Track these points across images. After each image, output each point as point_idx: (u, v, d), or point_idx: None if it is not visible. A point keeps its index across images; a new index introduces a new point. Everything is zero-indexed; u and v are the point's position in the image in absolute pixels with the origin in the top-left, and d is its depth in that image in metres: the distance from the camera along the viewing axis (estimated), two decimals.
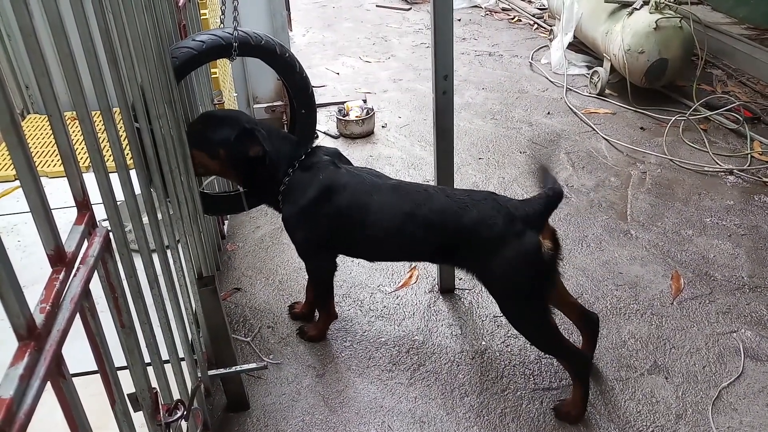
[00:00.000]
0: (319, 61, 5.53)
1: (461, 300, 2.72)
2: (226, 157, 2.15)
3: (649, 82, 4.30)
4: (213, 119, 2.21)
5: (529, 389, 2.28)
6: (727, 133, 3.98)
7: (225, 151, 2.14)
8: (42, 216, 0.91)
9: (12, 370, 0.78)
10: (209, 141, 2.14)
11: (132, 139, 1.44)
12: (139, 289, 1.34)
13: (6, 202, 2.93)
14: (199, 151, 2.12)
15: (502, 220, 1.96)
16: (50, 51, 1.07)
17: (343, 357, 2.44)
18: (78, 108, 1.11)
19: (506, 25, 6.35)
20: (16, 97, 3.57)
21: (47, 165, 3.15)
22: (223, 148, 2.14)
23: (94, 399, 1.15)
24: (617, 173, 3.62)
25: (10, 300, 0.78)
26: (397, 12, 6.92)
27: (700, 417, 2.14)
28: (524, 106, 4.54)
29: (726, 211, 3.25)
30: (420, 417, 2.19)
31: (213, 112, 2.32)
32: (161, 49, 1.75)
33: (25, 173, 0.87)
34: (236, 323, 2.61)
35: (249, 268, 2.96)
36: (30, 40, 0.94)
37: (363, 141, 4.12)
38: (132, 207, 1.38)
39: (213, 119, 2.21)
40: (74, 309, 0.95)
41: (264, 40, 2.24)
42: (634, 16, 4.24)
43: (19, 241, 2.62)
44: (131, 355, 1.26)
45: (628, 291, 2.72)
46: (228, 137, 2.13)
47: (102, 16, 1.26)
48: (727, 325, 2.52)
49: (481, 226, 1.99)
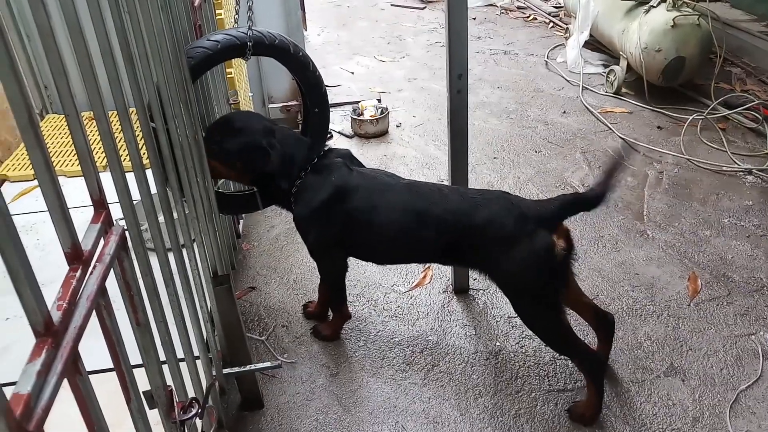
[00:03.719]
0: (334, 61, 5.54)
1: (475, 300, 2.71)
2: (243, 168, 2.20)
3: (666, 81, 4.26)
4: (230, 129, 2.21)
5: (544, 390, 2.26)
6: (746, 132, 3.93)
7: (242, 163, 2.18)
8: (59, 215, 0.92)
9: (30, 366, 0.79)
10: (227, 153, 2.16)
11: (148, 139, 1.45)
12: (155, 288, 1.35)
13: (25, 201, 2.97)
14: (218, 163, 2.16)
15: (514, 219, 1.96)
16: (68, 51, 1.08)
17: (357, 357, 2.44)
18: (95, 108, 1.12)
19: (522, 24, 6.32)
20: (35, 97, 3.62)
21: (65, 164, 3.18)
22: (241, 161, 2.17)
23: (109, 396, 1.16)
24: (634, 173, 3.59)
25: (28, 297, 0.79)
26: (412, 11, 6.91)
27: (717, 420, 2.12)
28: (540, 105, 4.51)
29: (744, 211, 3.21)
30: (434, 417, 2.18)
31: (230, 119, 2.30)
32: (177, 49, 1.77)
33: (43, 173, 0.88)
34: (251, 322, 2.63)
35: (263, 267, 2.97)
36: (48, 41, 0.95)
37: (377, 140, 4.12)
38: (148, 206, 1.39)
39: (230, 129, 2.21)
40: (90, 306, 0.96)
41: (278, 40, 2.25)
42: (651, 13, 4.19)
43: (37, 240, 2.65)
44: (146, 352, 1.26)
45: (645, 292, 2.70)
46: (244, 150, 2.15)
47: (118, 16, 1.27)
48: (745, 327, 2.49)
49: (492, 226, 1.98)
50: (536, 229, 1.93)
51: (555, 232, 1.95)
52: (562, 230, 1.97)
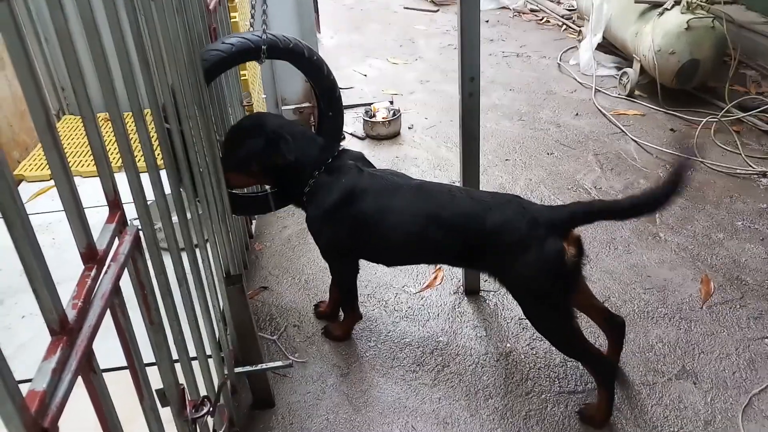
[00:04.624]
0: (347, 63, 5.55)
1: (486, 302, 2.71)
2: (260, 169, 2.22)
3: (679, 83, 4.23)
4: (239, 134, 2.23)
5: (554, 392, 2.26)
6: (761, 135, 3.90)
7: (257, 163, 2.20)
8: (75, 215, 0.94)
9: (45, 363, 0.80)
10: (243, 159, 2.19)
11: (162, 140, 1.47)
12: (168, 287, 1.36)
13: (41, 201, 3.01)
14: (237, 173, 2.20)
15: (526, 224, 1.94)
16: (84, 54, 1.09)
17: (368, 357, 2.45)
18: (110, 109, 1.14)
19: (534, 26, 6.30)
20: (52, 99, 3.66)
21: (81, 165, 3.22)
22: (255, 161, 2.19)
23: (123, 394, 1.17)
24: (646, 175, 3.57)
25: (44, 296, 0.80)
26: (424, 14, 6.91)
27: (729, 424, 2.10)
28: (552, 108, 4.50)
29: (758, 214, 3.18)
30: (444, 418, 2.18)
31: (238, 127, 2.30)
32: (192, 51, 1.78)
33: (60, 173, 0.89)
34: (263, 321, 2.64)
35: (276, 267, 2.99)
36: (66, 44, 0.96)
37: (389, 142, 4.13)
38: (162, 206, 1.41)
39: (239, 134, 2.23)
40: (105, 305, 0.97)
41: (292, 43, 2.27)
42: (665, 16, 4.17)
43: (53, 239, 2.68)
44: (159, 351, 1.28)
45: (657, 294, 2.68)
46: (256, 149, 2.17)
47: (134, 18, 1.29)
48: (758, 331, 2.47)
49: (503, 230, 1.97)
50: (547, 234, 1.92)
51: (566, 239, 1.93)
52: (572, 236, 1.95)
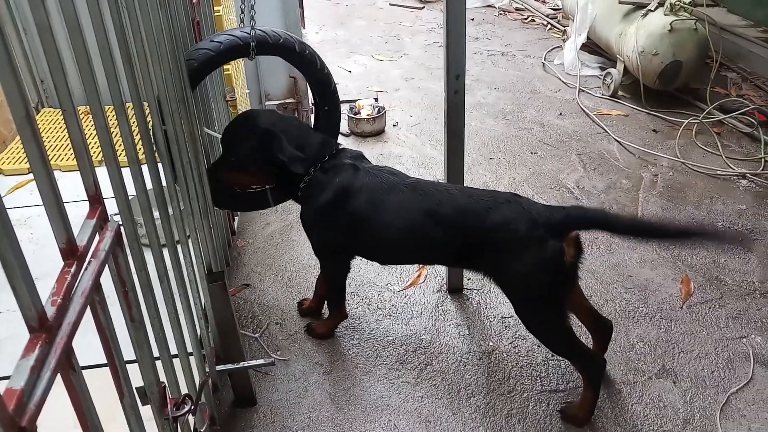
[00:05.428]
0: (332, 59, 5.53)
1: (469, 300, 2.71)
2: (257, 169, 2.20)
3: (662, 85, 4.27)
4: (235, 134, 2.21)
5: (536, 391, 2.27)
6: (741, 137, 3.95)
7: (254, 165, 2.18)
8: (55, 209, 0.92)
9: (23, 361, 0.79)
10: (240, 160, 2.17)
11: (144, 135, 1.45)
12: (149, 284, 1.35)
13: (20, 195, 2.96)
14: (236, 173, 2.19)
15: (525, 224, 1.92)
16: (65, 46, 1.07)
17: (351, 355, 2.45)
18: (91, 103, 1.12)
19: (519, 25, 6.33)
20: (31, 91, 3.60)
21: (61, 159, 3.18)
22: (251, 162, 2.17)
23: (103, 392, 1.16)
24: (629, 176, 3.60)
25: (23, 292, 0.79)
26: (410, 11, 6.91)
27: (708, 422, 2.13)
28: (536, 107, 4.52)
29: (738, 215, 3.22)
30: (426, 416, 2.19)
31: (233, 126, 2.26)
32: (175, 45, 1.76)
33: (39, 167, 0.88)
34: (245, 319, 2.63)
35: (258, 264, 2.97)
36: (46, 36, 0.95)
37: (374, 139, 4.13)
38: (143, 202, 1.39)
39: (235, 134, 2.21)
40: (85, 302, 0.96)
41: (283, 38, 2.24)
42: (649, 17, 4.21)
43: (31, 234, 2.65)
44: (140, 349, 1.26)
45: (638, 294, 2.71)
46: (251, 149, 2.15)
47: (117, 12, 1.27)
48: (737, 331, 2.50)
49: (503, 229, 1.95)
50: (546, 235, 1.91)
51: (564, 239, 1.92)
52: (571, 237, 1.94)
